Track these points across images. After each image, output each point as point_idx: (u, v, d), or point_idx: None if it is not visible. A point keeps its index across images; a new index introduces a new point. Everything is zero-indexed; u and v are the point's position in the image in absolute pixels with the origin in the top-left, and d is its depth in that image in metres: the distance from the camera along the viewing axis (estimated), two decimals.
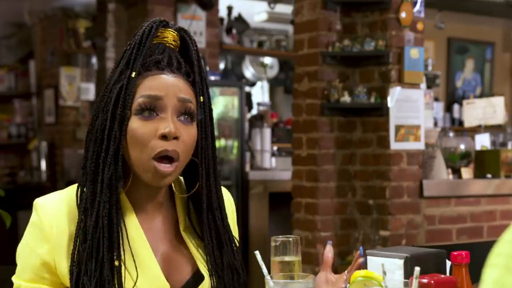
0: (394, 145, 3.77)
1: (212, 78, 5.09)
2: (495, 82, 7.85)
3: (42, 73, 7.08)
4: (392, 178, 3.77)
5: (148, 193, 1.31)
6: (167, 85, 1.25)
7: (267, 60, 7.00)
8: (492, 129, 5.12)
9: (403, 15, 3.77)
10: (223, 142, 5.19)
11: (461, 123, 6.93)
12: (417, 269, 1.12)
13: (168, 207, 1.35)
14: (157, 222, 1.33)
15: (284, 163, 5.45)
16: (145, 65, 1.26)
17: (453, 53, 7.55)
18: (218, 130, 5.11)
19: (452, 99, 7.48)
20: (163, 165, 1.23)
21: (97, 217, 1.22)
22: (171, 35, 1.30)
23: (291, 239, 1.39)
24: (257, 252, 1.30)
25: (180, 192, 1.36)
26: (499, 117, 4.50)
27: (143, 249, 1.27)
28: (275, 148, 5.75)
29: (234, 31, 6.21)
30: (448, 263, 1.37)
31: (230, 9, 6.36)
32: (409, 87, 3.81)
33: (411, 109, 3.81)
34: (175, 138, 1.23)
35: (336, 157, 3.92)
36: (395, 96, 3.77)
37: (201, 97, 1.31)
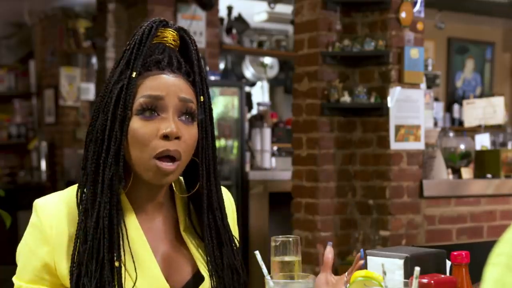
0: (394, 145, 3.77)
1: (212, 78, 5.09)
2: (495, 82, 7.84)
3: (42, 73, 7.08)
4: (392, 178, 3.77)
5: (148, 193, 1.30)
6: (168, 85, 1.25)
7: (267, 60, 6.99)
8: (492, 129, 5.12)
9: (403, 15, 3.77)
10: (223, 142, 5.19)
11: (461, 123, 6.93)
12: (417, 269, 1.12)
13: (168, 207, 1.35)
14: (157, 223, 1.32)
15: (284, 163, 5.45)
16: (146, 65, 1.26)
17: (453, 53, 7.55)
18: (218, 130, 5.11)
19: (452, 99, 7.48)
20: (165, 163, 1.23)
21: (97, 218, 1.22)
22: (170, 35, 1.30)
23: (291, 239, 1.39)
24: (257, 252, 1.30)
25: (180, 192, 1.36)
26: (499, 117, 4.50)
27: (143, 250, 1.26)
28: (275, 148, 5.74)
29: (234, 31, 6.21)
30: (448, 263, 1.37)
31: (230, 9, 6.36)
32: (409, 87, 3.81)
33: (411, 109, 3.81)
34: (176, 138, 1.23)
35: (336, 157, 3.92)
36: (395, 96, 3.77)
37: (201, 96, 1.31)
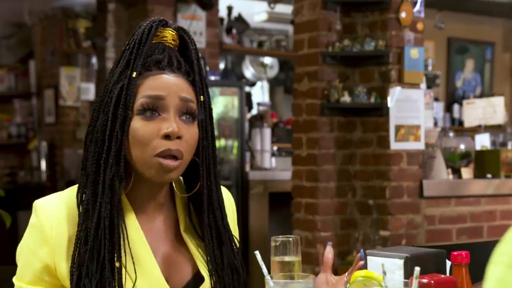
0: (394, 145, 3.77)
1: (212, 78, 5.09)
2: (495, 82, 7.85)
3: (42, 73, 7.08)
4: (392, 178, 3.77)
5: (149, 193, 1.30)
6: (168, 84, 1.25)
7: (267, 60, 6.99)
8: (492, 129, 5.12)
9: (403, 15, 3.77)
10: (223, 142, 5.19)
11: (461, 123, 6.93)
12: (417, 269, 1.12)
13: (168, 207, 1.35)
14: (158, 223, 1.32)
15: (284, 163, 5.45)
16: (146, 65, 1.26)
17: (453, 53, 7.55)
18: (218, 130, 5.11)
19: (452, 99, 7.48)
20: (167, 160, 1.23)
21: (98, 219, 1.21)
22: (170, 34, 1.30)
23: (291, 239, 1.39)
24: (257, 252, 1.30)
25: (181, 192, 1.36)
26: (499, 117, 4.50)
27: (143, 251, 1.26)
28: (275, 148, 5.74)
29: (234, 31, 6.21)
30: (448, 263, 1.37)
31: (230, 9, 6.36)
32: (409, 87, 3.81)
33: (411, 109, 3.81)
34: (178, 137, 1.23)
35: (336, 157, 3.92)
36: (395, 96, 3.77)
37: (201, 96, 1.31)
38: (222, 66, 6.55)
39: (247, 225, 4.93)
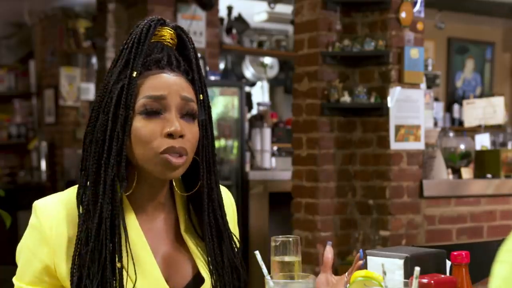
0: (394, 145, 3.77)
1: (212, 78, 5.09)
2: (495, 82, 7.85)
3: (42, 73, 7.08)
4: (392, 178, 3.77)
5: (150, 193, 1.30)
6: (169, 84, 1.25)
7: (267, 60, 6.99)
8: (492, 129, 5.12)
9: (403, 15, 3.77)
10: (223, 142, 5.19)
11: (461, 123, 6.93)
12: (417, 269, 1.12)
13: (168, 207, 1.35)
14: (158, 223, 1.32)
15: (284, 163, 5.45)
16: (145, 64, 1.26)
17: (453, 53, 7.55)
18: (218, 130, 5.11)
19: (452, 99, 7.48)
20: (173, 157, 1.23)
21: (99, 219, 1.21)
22: (168, 33, 1.30)
23: (291, 239, 1.39)
24: (257, 252, 1.30)
25: (181, 192, 1.36)
26: (499, 117, 4.50)
27: (143, 252, 1.26)
28: (275, 148, 5.74)
29: (234, 31, 6.21)
30: (448, 263, 1.37)
31: (230, 9, 6.36)
32: (409, 87, 3.81)
33: (411, 109, 3.81)
34: (180, 136, 1.24)
35: (336, 157, 3.92)
36: (395, 96, 3.77)
37: (201, 95, 1.31)
38: (222, 66, 6.55)
39: (247, 225, 4.93)
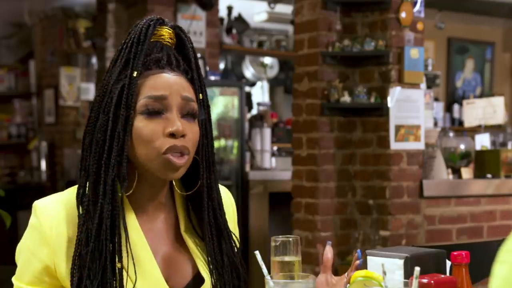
0: (394, 145, 3.77)
1: (212, 78, 5.08)
2: (495, 82, 7.84)
3: (42, 73, 7.08)
4: (392, 178, 3.77)
5: (150, 193, 1.30)
6: (170, 84, 1.25)
7: (267, 60, 6.99)
8: (492, 129, 5.12)
9: (403, 15, 3.77)
10: (223, 142, 5.19)
11: (461, 123, 6.93)
12: (417, 269, 1.12)
13: (168, 207, 1.35)
14: (158, 223, 1.32)
15: (284, 163, 5.45)
16: (146, 64, 1.25)
17: (453, 53, 7.55)
18: (218, 130, 5.11)
19: (452, 99, 7.48)
20: (175, 158, 1.23)
21: (100, 220, 1.21)
22: (167, 33, 1.29)
23: (291, 239, 1.38)
24: (257, 252, 1.29)
25: (180, 191, 1.36)
26: (499, 117, 4.50)
27: (143, 252, 1.26)
28: (275, 148, 5.74)
29: (234, 31, 6.21)
30: (448, 263, 1.37)
31: (230, 9, 6.36)
32: (409, 87, 3.81)
33: (411, 109, 3.81)
34: (182, 136, 1.24)
35: (336, 157, 3.92)
36: (395, 96, 3.77)
37: (200, 94, 1.31)
38: (222, 66, 6.55)
39: (247, 225, 4.93)
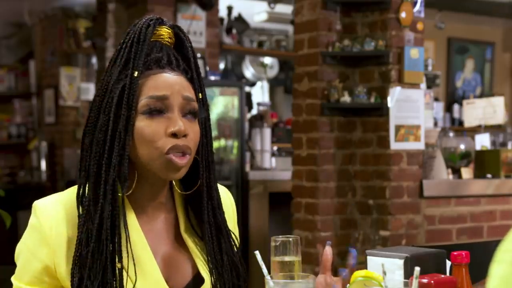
0: (394, 145, 3.77)
1: (212, 78, 5.08)
2: (495, 82, 7.85)
3: (42, 73, 7.08)
4: (392, 178, 3.77)
5: (150, 193, 1.30)
6: (171, 83, 1.25)
7: (267, 60, 6.99)
8: (492, 129, 5.12)
9: (403, 15, 3.77)
10: (223, 142, 5.19)
11: (461, 123, 6.93)
12: (417, 269, 1.12)
13: (168, 207, 1.35)
14: (158, 223, 1.32)
15: (284, 163, 5.45)
16: (146, 63, 1.25)
17: (453, 53, 7.55)
18: (218, 130, 5.11)
19: (452, 99, 7.48)
20: (177, 158, 1.23)
21: (100, 220, 1.20)
22: (166, 32, 1.29)
23: (291, 239, 1.39)
24: (257, 252, 1.29)
25: (180, 191, 1.36)
26: (499, 117, 4.50)
27: (143, 252, 1.26)
28: (275, 148, 5.74)
29: (234, 31, 6.21)
30: (448, 263, 1.37)
31: (230, 9, 6.36)
32: (409, 87, 3.81)
33: (411, 109, 3.81)
34: (184, 135, 1.24)
35: (336, 157, 3.92)
36: (395, 96, 3.77)
37: (200, 93, 1.31)
38: (222, 66, 6.55)
39: (247, 225, 4.93)
